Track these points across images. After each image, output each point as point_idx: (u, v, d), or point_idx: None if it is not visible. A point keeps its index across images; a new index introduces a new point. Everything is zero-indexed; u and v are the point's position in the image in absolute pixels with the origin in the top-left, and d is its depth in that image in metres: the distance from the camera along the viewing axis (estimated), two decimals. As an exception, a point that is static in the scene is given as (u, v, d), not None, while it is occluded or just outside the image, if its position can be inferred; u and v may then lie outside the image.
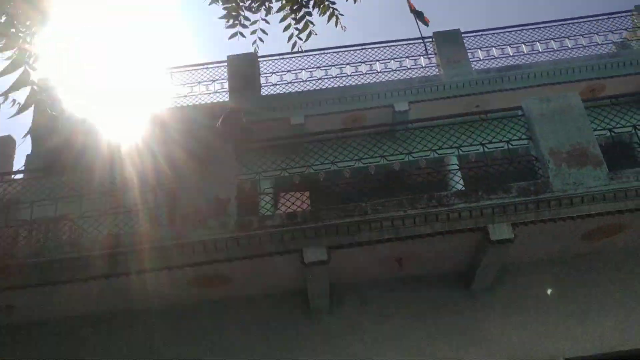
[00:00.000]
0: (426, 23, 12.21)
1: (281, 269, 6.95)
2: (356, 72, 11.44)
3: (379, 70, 11.46)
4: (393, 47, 11.65)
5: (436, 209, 6.51)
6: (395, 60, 11.51)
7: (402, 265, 7.13)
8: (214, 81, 11.52)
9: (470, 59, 11.37)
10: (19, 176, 9.36)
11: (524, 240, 6.71)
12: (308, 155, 7.47)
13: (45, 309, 7.33)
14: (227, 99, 11.20)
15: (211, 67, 11.67)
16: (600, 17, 11.70)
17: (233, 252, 6.52)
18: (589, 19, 11.73)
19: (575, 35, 11.51)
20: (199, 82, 11.52)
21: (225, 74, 11.56)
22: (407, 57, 11.55)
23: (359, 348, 7.30)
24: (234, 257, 6.53)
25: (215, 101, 11.25)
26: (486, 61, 11.48)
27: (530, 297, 7.42)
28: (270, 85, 11.41)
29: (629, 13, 11.71)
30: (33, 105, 3.22)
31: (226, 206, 6.67)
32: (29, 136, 10.44)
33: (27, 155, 10.85)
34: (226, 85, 11.43)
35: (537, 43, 11.51)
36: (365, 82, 11.29)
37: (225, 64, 11.62)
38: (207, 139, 7.16)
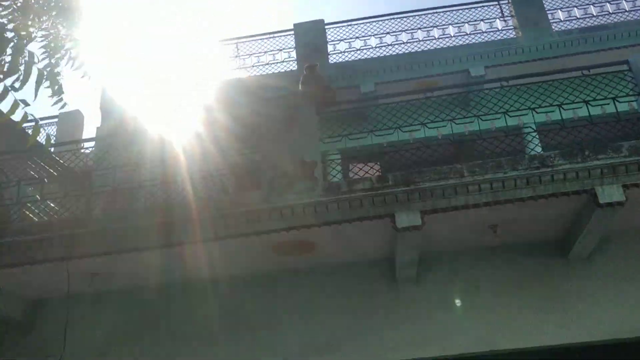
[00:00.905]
0: None
1: (369, 235, 6.66)
2: (428, 37, 10.95)
3: (452, 35, 10.93)
4: (467, 10, 11.09)
5: (539, 171, 6.07)
6: (470, 23, 10.95)
7: (496, 232, 6.72)
8: (280, 50, 11.23)
9: (550, 21, 10.69)
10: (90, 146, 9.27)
11: (634, 204, 6.19)
12: (378, 123, 7.05)
13: (126, 277, 7.25)
14: (294, 68, 10.90)
15: (277, 37, 11.39)
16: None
17: (322, 217, 6.25)
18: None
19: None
20: (266, 52, 11.25)
21: (293, 43, 11.25)
22: (482, 20, 10.97)
23: (447, 319, 6.98)
24: (323, 222, 6.26)
25: (282, 71, 10.96)
26: (567, 22, 10.79)
27: (631, 269, 6.92)
28: (339, 53, 11.07)
29: None
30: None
31: (313, 170, 6.40)
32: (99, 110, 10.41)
33: (97, 128, 10.86)
34: (293, 54, 11.13)
35: (623, 1, 10.73)
36: (438, 47, 10.78)
37: (292, 32, 11.31)
38: (287, 101, 6.88)
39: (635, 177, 6.01)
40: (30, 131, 8.72)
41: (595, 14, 10.74)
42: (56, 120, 11.57)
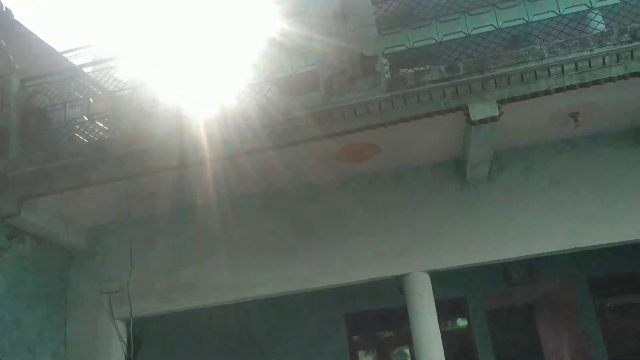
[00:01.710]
0: None
1: (439, 132, 6.19)
2: None
3: None
4: None
5: (630, 45, 5.39)
6: None
7: (577, 120, 6.14)
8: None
9: None
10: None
11: None
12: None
13: (186, 194, 6.97)
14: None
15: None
16: None
17: (387, 115, 5.77)
18: None
19: None
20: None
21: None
22: None
23: (524, 217, 6.58)
24: (389, 120, 5.77)
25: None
26: None
27: None
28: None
29: None
30: None
31: (374, 64, 5.86)
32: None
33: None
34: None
35: None
36: None
37: None
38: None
39: None
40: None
41: None
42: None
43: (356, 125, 5.82)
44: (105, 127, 6.83)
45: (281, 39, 6.36)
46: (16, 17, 7.68)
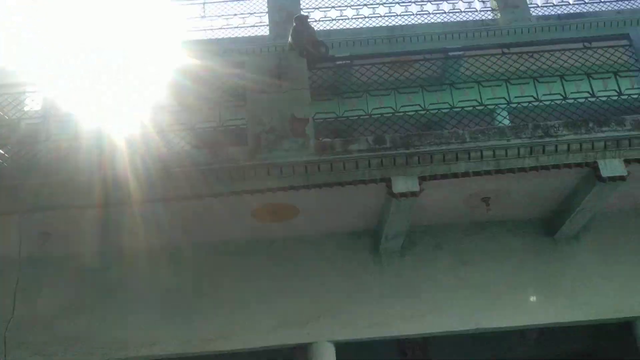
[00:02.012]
0: None
1: (359, 201, 6.22)
2: (406, 12, 10.60)
3: (430, 12, 10.63)
4: (444, -13, 10.81)
5: (542, 140, 5.80)
6: (448, 2, 10.69)
7: (489, 205, 6.42)
8: (252, 14, 10.58)
9: (529, 5, 10.58)
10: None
11: (631, 180, 6.02)
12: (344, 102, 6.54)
13: (81, 238, 6.45)
14: (266, 33, 10.30)
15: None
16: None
17: (313, 178, 5.74)
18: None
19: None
20: (235, 14, 10.57)
21: (264, 7, 10.63)
22: (461, -1, 10.73)
23: (433, 294, 6.65)
24: (314, 183, 5.75)
25: (254, 35, 10.33)
26: (544, 8, 10.72)
27: (618, 248, 6.86)
28: (313, 22, 10.47)
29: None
30: None
31: (305, 126, 5.87)
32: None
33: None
34: (265, 19, 10.51)
35: (601, -9, 10.76)
36: (416, 22, 10.45)
37: (265, -3, 10.69)
38: (277, 54, 6.33)
39: (637, 152, 5.85)
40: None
41: (572, 2, 10.71)
42: None
43: (280, 185, 5.73)
44: (6, 155, 6.24)
45: (211, 89, 6.23)
46: None
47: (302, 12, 10.51)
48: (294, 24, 6.80)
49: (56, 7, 11.00)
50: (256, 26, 10.48)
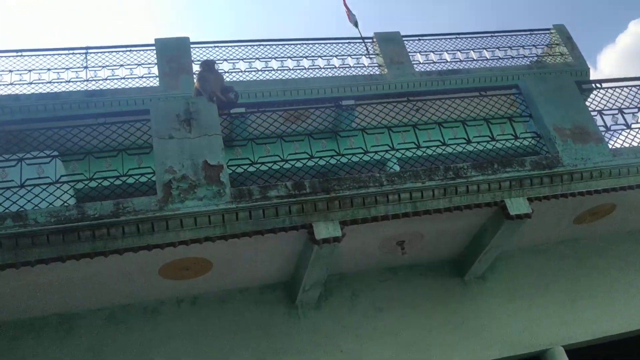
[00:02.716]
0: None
1: (278, 250, 5.94)
2: (298, 66, 10.76)
3: (321, 67, 10.89)
4: (334, 45, 11.19)
5: (454, 181, 5.97)
6: (338, 57, 11.04)
7: (404, 248, 6.43)
8: (139, 65, 10.13)
9: (412, 62, 11.23)
10: None
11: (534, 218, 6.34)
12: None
13: None
14: (156, 84, 9.88)
15: (135, 51, 10.28)
16: (523, 32, 12.31)
17: (231, 227, 5.37)
18: (512, 33, 12.28)
19: (504, 47, 11.94)
20: (122, 65, 10.05)
21: (153, 59, 10.23)
22: (350, 55, 11.14)
23: (351, 345, 6.45)
24: (232, 233, 5.38)
25: (143, 86, 9.85)
26: (425, 65, 11.43)
27: (522, 285, 7.14)
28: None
29: (548, 31, 12.43)
30: None
31: (219, 173, 5.54)
32: None
33: None
34: (154, 70, 10.10)
35: (472, 51, 11.73)
36: (309, 76, 10.62)
37: (154, 47, 10.31)
38: (185, 99, 6.03)
39: (537, 190, 6.20)
40: None
41: (448, 60, 11.53)
42: None
43: (195, 237, 5.29)
44: None
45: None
46: None
47: (196, 62, 10.29)
48: (200, 69, 6.54)
49: None
50: (144, 77, 10.01)
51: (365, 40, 11.52)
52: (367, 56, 11.28)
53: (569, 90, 6.94)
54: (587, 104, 7.12)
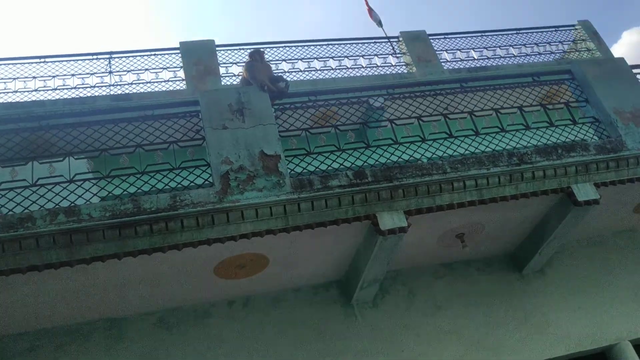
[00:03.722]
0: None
1: (337, 244, 5.65)
2: (325, 67, 10.52)
3: (348, 67, 10.65)
4: (360, 45, 10.97)
5: (519, 167, 5.69)
6: (365, 57, 10.81)
7: (464, 241, 6.14)
8: (164, 68, 9.88)
9: (440, 60, 11.01)
10: None
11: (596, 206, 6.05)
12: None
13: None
14: (183, 87, 9.63)
15: (160, 54, 10.04)
16: (547, 29, 12.14)
17: (293, 219, 5.08)
18: (537, 30, 12.11)
19: (530, 44, 11.75)
20: (147, 69, 9.81)
21: (178, 62, 10.00)
22: (376, 55, 10.91)
23: (412, 345, 6.13)
24: (294, 225, 5.08)
25: (171, 89, 9.61)
26: (452, 63, 11.21)
27: (582, 279, 6.86)
28: (232, 76, 10.05)
29: (572, 27, 12.26)
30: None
31: (277, 163, 5.26)
32: None
33: None
34: (179, 73, 9.86)
35: (498, 48, 11.53)
36: (337, 76, 10.39)
37: (178, 51, 10.08)
38: (236, 89, 5.78)
39: (604, 175, 5.93)
40: None
41: (476, 57, 11.32)
42: None
43: (256, 229, 4.99)
44: None
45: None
46: None
47: (222, 65, 10.08)
48: (249, 59, 6.28)
49: None
50: (171, 81, 9.76)
51: (391, 40, 11.30)
52: (394, 55, 11.06)
53: (625, 74, 6.71)
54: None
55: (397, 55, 11.12)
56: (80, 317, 5.64)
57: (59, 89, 9.44)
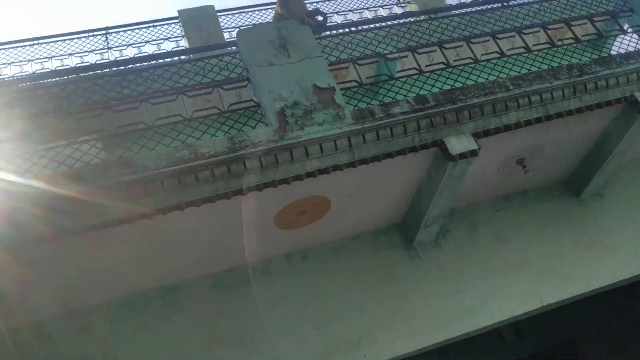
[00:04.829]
0: None
1: (402, 176, 5.31)
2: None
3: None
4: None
5: (581, 78, 5.38)
6: (369, 10, 10.43)
7: (526, 167, 5.83)
8: (166, 39, 9.39)
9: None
10: None
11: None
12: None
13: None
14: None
15: (159, 25, 9.53)
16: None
17: (358, 152, 4.71)
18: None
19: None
20: (147, 42, 9.30)
21: (179, 32, 9.50)
22: (381, 6, 10.54)
23: (482, 281, 5.88)
24: (361, 158, 4.71)
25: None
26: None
27: (640, 199, 6.59)
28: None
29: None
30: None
31: (332, 95, 4.87)
32: None
33: None
34: (182, 43, 9.37)
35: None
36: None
37: (177, 20, 9.57)
38: (275, 26, 5.38)
39: (666, 81, 5.66)
40: None
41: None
42: None
43: (322, 166, 4.61)
44: None
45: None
46: None
47: (225, 30, 9.63)
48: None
49: None
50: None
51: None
52: (398, 5, 10.69)
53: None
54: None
55: (402, 4, 10.75)
56: (133, 288, 5.22)
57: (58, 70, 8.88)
